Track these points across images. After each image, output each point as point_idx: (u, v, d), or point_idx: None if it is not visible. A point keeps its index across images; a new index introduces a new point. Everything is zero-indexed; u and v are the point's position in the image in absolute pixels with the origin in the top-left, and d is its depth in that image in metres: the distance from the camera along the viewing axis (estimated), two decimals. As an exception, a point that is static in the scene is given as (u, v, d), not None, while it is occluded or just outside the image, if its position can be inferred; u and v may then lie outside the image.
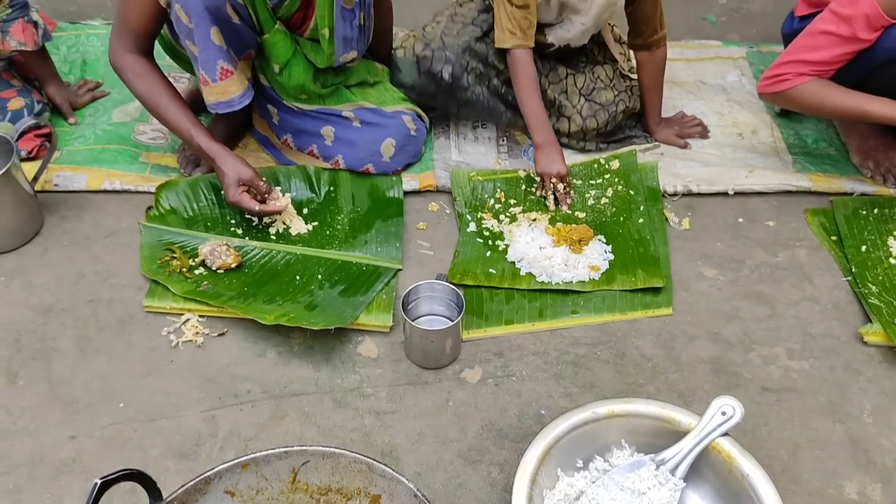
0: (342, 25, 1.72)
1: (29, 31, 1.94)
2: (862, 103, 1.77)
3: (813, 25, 1.76)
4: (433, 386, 1.56)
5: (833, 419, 1.53)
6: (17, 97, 1.95)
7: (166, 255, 1.74)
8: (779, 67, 1.80)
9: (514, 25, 1.84)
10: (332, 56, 1.76)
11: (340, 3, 1.68)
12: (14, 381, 1.54)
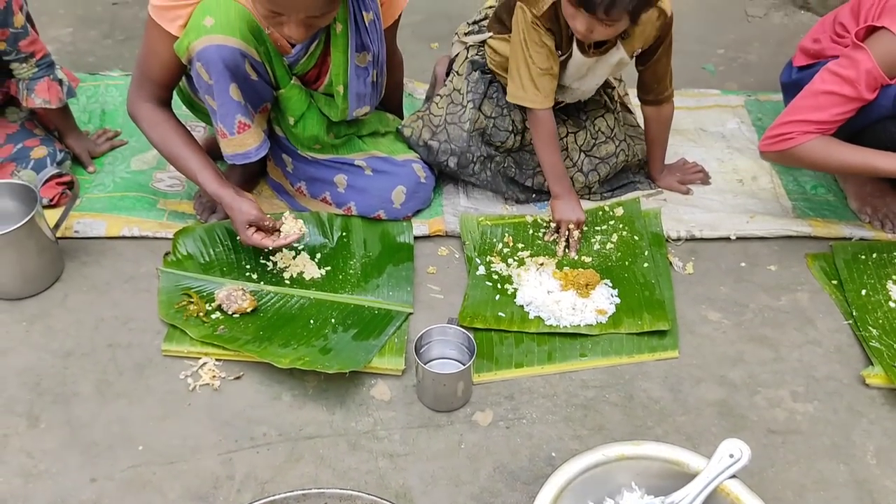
0: (356, 83, 1.79)
1: (54, 89, 2.01)
2: (869, 159, 1.82)
3: (813, 85, 1.81)
4: (445, 429, 1.59)
5: (837, 461, 1.56)
6: (41, 146, 2.01)
7: (184, 300, 1.79)
8: (781, 126, 1.85)
9: (538, 89, 1.87)
10: (345, 111, 1.83)
11: (354, 61, 1.75)
12: (35, 425, 1.58)
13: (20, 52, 1.93)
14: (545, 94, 1.88)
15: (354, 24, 1.71)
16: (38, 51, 1.97)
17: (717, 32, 2.86)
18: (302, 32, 1.55)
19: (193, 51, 1.61)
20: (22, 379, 1.66)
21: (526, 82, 1.87)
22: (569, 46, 1.87)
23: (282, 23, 1.53)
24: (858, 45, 1.75)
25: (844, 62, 1.77)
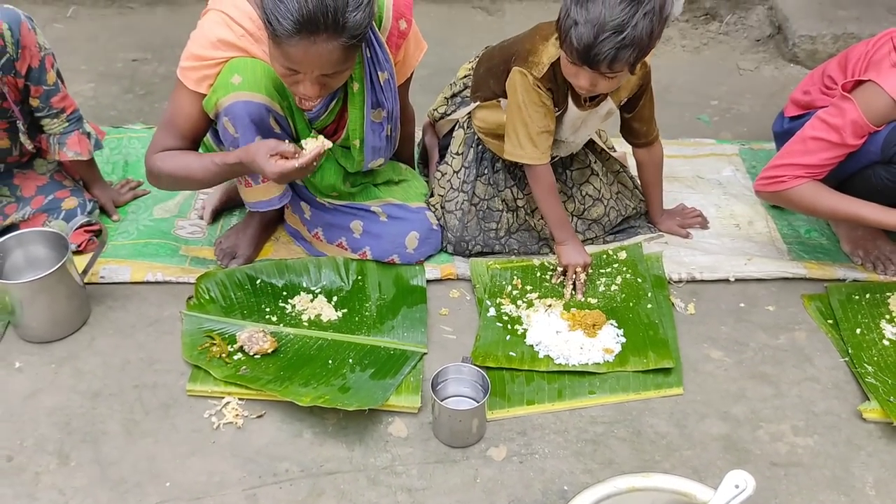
0: (371, 137, 1.89)
1: (84, 143, 2.11)
2: (856, 208, 1.93)
3: (804, 131, 1.93)
4: (461, 464, 1.65)
5: (838, 492, 1.62)
6: (71, 197, 2.10)
7: (206, 342, 1.86)
8: (774, 169, 1.96)
9: (537, 147, 1.96)
10: (361, 162, 1.93)
11: (370, 117, 1.86)
12: (66, 463, 1.63)
13: (52, 108, 2.04)
14: (543, 151, 1.97)
15: (370, 83, 1.82)
16: (67, 106, 2.08)
17: (711, 85, 2.99)
18: (316, 90, 1.64)
19: (221, 106, 1.71)
20: (52, 419, 1.72)
21: (524, 141, 1.95)
22: (565, 102, 1.97)
23: (297, 81, 1.63)
24: (845, 96, 1.87)
25: (832, 111, 1.88)
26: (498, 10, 3.26)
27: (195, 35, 1.74)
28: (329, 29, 1.51)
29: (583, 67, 1.75)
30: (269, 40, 1.59)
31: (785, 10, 3.15)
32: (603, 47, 1.66)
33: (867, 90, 1.84)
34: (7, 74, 1.93)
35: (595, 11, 1.66)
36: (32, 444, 1.67)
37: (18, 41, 1.90)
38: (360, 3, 1.53)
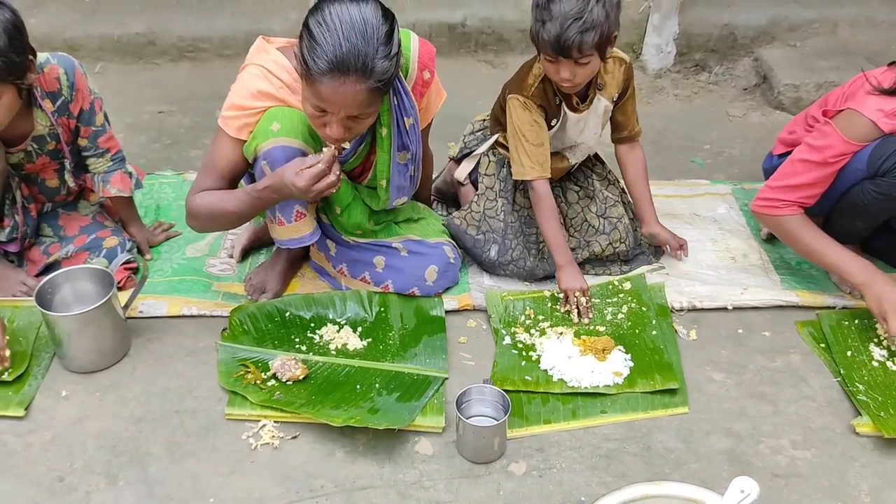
0: (397, 177, 2.05)
1: (126, 181, 2.27)
2: (824, 250, 2.10)
3: (793, 155, 2.11)
4: (484, 478, 1.76)
5: (836, 500, 1.73)
6: (112, 237, 2.24)
7: (241, 370, 1.98)
8: (769, 191, 2.14)
9: (532, 161, 2.17)
10: (386, 201, 2.08)
11: (396, 159, 2.01)
12: (114, 483, 1.74)
13: (98, 148, 2.20)
14: (540, 164, 2.17)
15: (397, 127, 1.98)
16: (112, 147, 2.24)
17: (703, 131, 3.17)
18: (341, 132, 1.78)
19: (260, 151, 1.86)
20: (99, 442, 1.83)
21: (524, 159, 2.17)
22: (559, 112, 2.19)
23: (325, 122, 1.78)
24: (827, 122, 2.06)
25: (815, 135, 2.07)
26: (501, 62, 3.46)
27: (236, 87, 1.90)
28: (358, 71, 1.67)
29: (559, 60, 1.99)
30: (303, 80, 1.74)
31: (769, 62, 3.36)
32: (569, 34, 1.92)
33: (846, 115, 2.03)
34: (62, 116, 2.09)
35: (557, 9, 1.93)
36: (81, 466, 1.77)
37: (73, 84, 2.07)
38: (387, 52, 1.69)
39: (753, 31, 3.45)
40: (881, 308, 2.00)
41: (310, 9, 1.72)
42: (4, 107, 1.91)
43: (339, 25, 1.64)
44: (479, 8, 3.44)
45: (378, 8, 1.70)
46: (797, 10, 3.48)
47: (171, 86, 3.29)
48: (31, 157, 2.14)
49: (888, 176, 1.99)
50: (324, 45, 1.65)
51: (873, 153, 2.01)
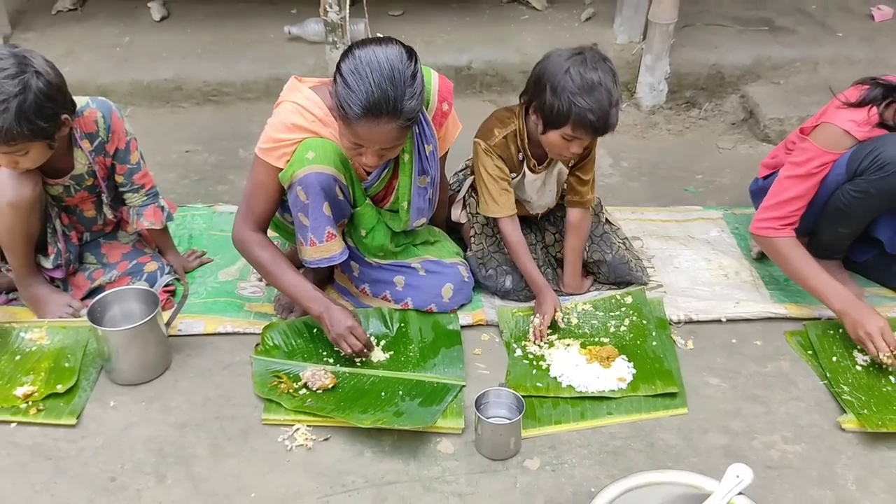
0: (417, 199, 2.23)
1: (158, 214, 2.44)
2: (809, 275, 2.28)
3: (780, 175, 2.32)
4: (502, 473, 1.91)
5: (824, 488, 1.88)
6: (151, 262, 2.42)
7: (275, 381, 2.13)
8: (765, 211, 2.33)
9: (497, 202, 2.32)
10: (407, 222, 2.26)
11: (417, 183, 2.20)
12: (163, 481, 1.88)
13: (134, 184, 2.38)
14: (504, 205, 2.33)
15: (418, 154, 2.17)
16: (147, 183, 2.42)
17: (695, 162, 3.36)
18: (375, 161, 1.99)
19: (296, 178, 2.05)
20: (147, 446, 1.98)
21: (489, 199, 2.34)
22: (520, 169, 2.36)
23: (361, 153, 1.98)
24: (803, 138, 2.28)
25: (796, 153, 2.29)
26: (504, 101, 3.66)
27: (273, 122, 2.09)
28: (389, 114, 1.87)
29: (579, 138, 2.15)
30: (340, 121, 1.94)
31: (755, 98, 3.57)
32: (611, 119, 2.10)
33: (821, 129, 2.25)
34: (99, 155, 2.28)
35: (600, 97, 2.08)
36: (131, 467, 1.92)
37: (109, 126, 2.26)
38: (414, 93, 1.89)
39: (739, 70, 3.67)
40: (857, 335, 2.17)
41: (342, 53, 1.92)
42: (31, 159, 2.08)
43: (369, 73, 1.84)
44: (483, 52, 3.66)
45: (402, 50, 1.90)
46: (780, 50, 3.71)
47: (196, 127, 3.49)
48: (69, 192, 2.31)
49: (865, 174, 2.19)
50: (357, 93, 1.85)
51: (851, 158, 2.21)
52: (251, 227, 2.18)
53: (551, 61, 2.15)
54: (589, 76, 2.08)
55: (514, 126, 2.31)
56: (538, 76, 2.18)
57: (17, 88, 1.94)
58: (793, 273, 2.33)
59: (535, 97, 2.19)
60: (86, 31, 3.77)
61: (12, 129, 1.95)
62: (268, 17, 3.92)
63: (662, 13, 3.43)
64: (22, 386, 2.10)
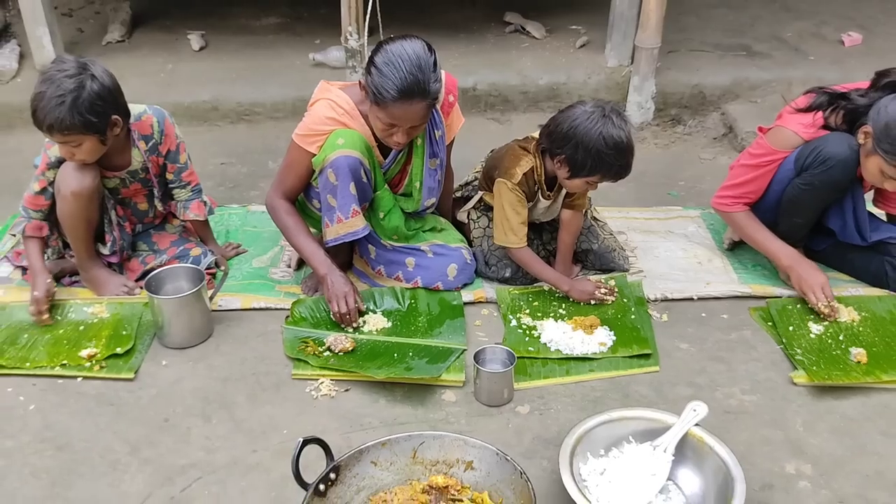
0: (428, 179, 2.58)
1: (201, 208, 2.79)
2: (764, 239, 2.65)
3: (736, 162, 2.69)
4: (496, 416, 2.20)
5: (775, 429, 2.15)
6: (196, 247, 2.75)
7: (302, 345, 2.44)
8: (722, 191, 2.70)
9: (515, 235, 2.60)
10: (419, 201, 2.61)
11: (427, 164, 2.56)
12: (209, 421, 2.19)
13: (182, 181, 2.72)
14: (521, 237, 2.62)
15: (429, 138, 2.53)
16: (193, 180, 2.76)
17: (678, 171, 3.67)
18: (405, 138, 2.37)
19: (328, 161, 2.39)
20: (194, 395, 2.29)
21: (508, 232, 2.61)
22: (535, 197, 2.67)
23: (393, 133, 2.35)
24: (761, 137, 2.61)
25: (752, 146, 2.65)
26: (507, 120, 4.01)
27: (310, 114, 2.46)
28: (420, 94, 2.25)
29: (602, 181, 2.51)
30: (375, 106, 2.31)
31: (734, 115, 3.89)
32: (630, 168, 2.48)
33: (774, 130, 2.60)
34: (153, 154, 2.63)
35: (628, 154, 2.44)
36: (182, 411, 2.23)
37: (162, 130, 2.61)
38: (437, 77, 2.29)
39: (719, 90, 4.01)
40: (801, 287, 2.50)
41: (373, 49, 2.29)
42: (85, 151, 2.43)
43: (401, 63, 2.22)
44: (487, 75, 4.02)
45: (423, 43, 2.28)
46: (756, 72, 4.05)
47: (230, 143, 3.85)
48: (125, 184, 2.65)
49: (809, 169, 2.50)
50: (393, 79, 2.22)
51: (797, 156, 2.52)
52: (280, 196, 2.54)
53: (580, 122, 2.40)
54: (617, 136, 2.39)
55: (531, 163, 2.60)
56: (568, 135, 2.42)
57: (73, 86, 2.30)
58: (748, 238, 2.67)
59: (564, 151, 2.45)
60: (133, 59, 4.17)
61: (65, 121, 2.30)
62: (294, 46, 4.31)
63: (647, 39, 3.78)
64: (86, 349, 2.43)
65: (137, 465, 2.05)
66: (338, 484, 1.84)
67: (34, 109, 2.32)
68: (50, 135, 2.36)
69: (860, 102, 2.47)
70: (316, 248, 2.53)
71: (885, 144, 2.33)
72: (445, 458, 1.92)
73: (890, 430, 2.16)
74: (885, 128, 2.33)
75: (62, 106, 2.29)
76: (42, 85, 2.31)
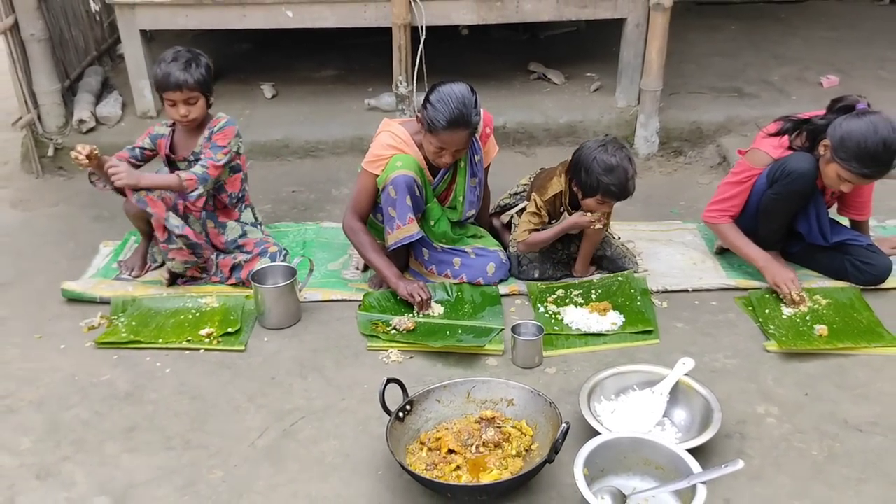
0: (469, 194, 3.17)
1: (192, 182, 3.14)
2: (744, 245, 3.19)
3: (723, 181, 3.26)
4: (529, 375, 2.74)
5: (750, 382, 2.67)
6: (273, 246, 3.35)
7: (373, 326, 3.01)
8: (711, 205, 3.25)
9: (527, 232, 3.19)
10: (462, 212, 3.20)
11: (469, 183, 3.15)
12: (305, 379, 2.76)
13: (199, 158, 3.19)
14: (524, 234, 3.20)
15: (471, 161, 3.13)
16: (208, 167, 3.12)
17: (679, 193, 4.21)
18: (450, 159, 2.97)
19: (389, 179, 2.98)
20: (292, 361, 2.85)
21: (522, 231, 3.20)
22: (559, 216, 3.23)
23: (442, 155, 2.95)
24: (742, 158, 3.15)
25: (735, 167, 3.21)
26: (532, 153, 4.61)
27: (375, 143, 3.07)
28: (463, 125, 2.86)
29: (610, 201, 3.06)
30: (428, 133, 2.92)
31: (727, 146, 4.45)
32: (629, 188, 3.00)
33: (751, 152, 3.16)
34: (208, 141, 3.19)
35: (619, 175, 2.98)
36: (284, 372, 2.80)
37: (223, 129, 3.19)
38: (477, 112, 2.90)
39: (715, 125, 4.58)
40: (774, 282, 3.04)
41: (428, 90, 2.91)
42: (198, 108, 3.10)
43: (450, 100, 2.83)
44: (515, 115, 4.64)
45: (468, 86, 2.90)
46: (745, 110, 4.62)
47: (299, 174, 4.47)
48: (189, 165, 3.18)
49: (778, 182, 3.05)
50: (444, 112, 2.83)
51: (769, 172, 3.08)
52: (357, 218, 3.12)
53: (584, 152, 3.02)
54: (610, 161, 2.97)
55: (560, 188, 3.19)
56: (576, 162, 3.06)
57: (192, 57, 3.08)
58: (731, 245, 3.21)
59: (575, 176, 3.10)
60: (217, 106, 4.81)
61: (190, 79, 3.03)
62: (350, 93, 4.96)
63: (651, 83, 4.38)
64: (204, 329, 3.02)
65: (255, 409, 2.62)
66: (411, 414, 2.40)
67: (166, 74, 3.03)
68: (178, 90, 3.04)
69: (819, 123, 3.02)
70: (387, 262, 3.11)
71: (841, 153, 2.88)
72: (492, 397, 2.47)
73: (842, 383, 2.67)
74: (840, 140, 2.88)
75: (188, 69, 3.05)
76: (168, 58, 3.05)
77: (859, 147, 2.84)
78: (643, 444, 2.22)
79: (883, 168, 2.89)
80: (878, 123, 2.83)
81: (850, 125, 2.87)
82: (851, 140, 2.85)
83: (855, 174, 2.89)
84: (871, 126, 2.83)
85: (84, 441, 2.50)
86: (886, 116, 2.88)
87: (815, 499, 2.23)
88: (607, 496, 2.12)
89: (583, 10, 4.45)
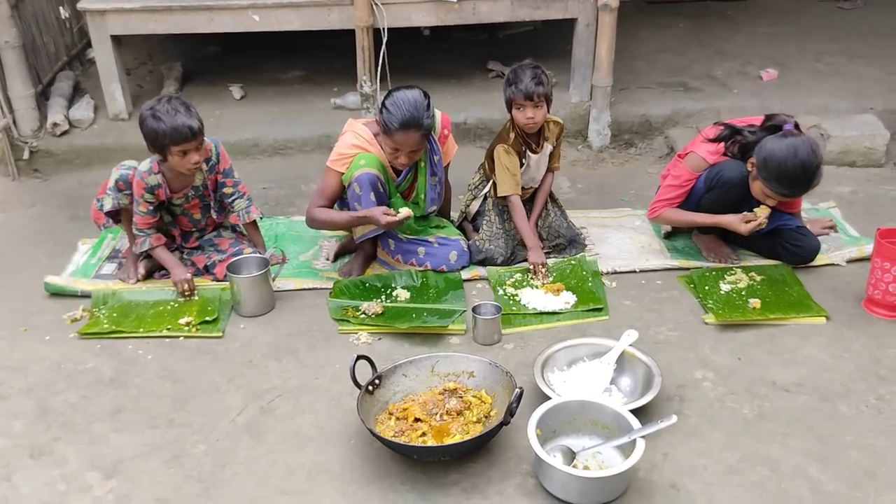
0: (430, 192, 3.36)
1: (257, 210, 3.54)
2: (693, 219, 3.39)
3: (664, 182, 3.47)
4: (489, 352, 2.95)
5: (690, 352, 2.91)
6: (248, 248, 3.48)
7: (343, 311, 3.20)
8: (653, 204, 3.48)
9: (512, 184, 3.42)
10: (424, 208, 3.38)
11: (429, 181, 3.33)
12: (280, 361, 2.93)
13: (240, 193, 3.46)
14: (517, 184, 3.43)
15: (430, 161, 3.31)
16: (246, 192, 3.49)
17: (630, 182, 4.45)
18: (407, 160, 3.14)
19: (353, 177, 3.16)
20: (267, 346, 3.03)
21: (508, 183, 3.42)
22: (526, 154, 3.47)
23: (398, 156, 3.13)
24: (679, 160, 3.37)
25: (674, 170, 3.41)
26: (492, 147, 4.82)
27: (339, 142, 3.25)
28: (415, 127, 3.04)
29: (526, 103, 3.29)
30: (384, 135, 3.10)
31: (674, 138, 4.70)
32: (530, 86, 3.24)
33: (689, 156, 3.36)
34: (211, 174, 3.39)
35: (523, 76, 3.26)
36: (260, 356, 2.97)
37: (219, 153, 3.38)
38: (429, 115, 3.08)
39: (662, 118, 4.83)
40: (732, 227, 3.28)
41: (385, 95, 3.09)
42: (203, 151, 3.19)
43: (402, 104, 3.02)
44: (475, 112, 4.84)
45: (420, 91, 3.09)
46: (690, 103, 4.88)
47: (269, 172, 4.63)
48: (188, 199, 3.38)
49: (715, 189, 3.30)
50: (396, 115, 3.02)
51: (706, 177, 3.32)
52: (318, 206, 3.29)
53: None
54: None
55: (514, 133, 3.44)
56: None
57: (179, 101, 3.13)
58: (684, 221, 3.45)
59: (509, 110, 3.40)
60: (186, 108, 4.98)
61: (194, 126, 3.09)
62: (317, 93, 5.13)
63: (602, 79, 4.62)
64: (182, 318, 3.18)
65: (234, 390, 2.80)
66: (380, 388, 2.60)
67: (175, 127, 3.05)
68: (194, 139, 3.11)
69: (750, 139, 3.25)
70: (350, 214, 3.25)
71: (764, 173, 3.11)
72: (454, 370, 2.68)
73: (773, 349, 2.92)
74: (763, 161, 3.11)
75: (191, 113, 3.12)
76: (161, 113, 3.07)
77: (779, 169, 3.06)
78: (590, 406, 2.44)
79: (800, 189, 3.12)
80: (798, 147, 3.04)
81: (773, 147, 3.08)
82: (773, 162, 3.07)
83: (776, 193, 3.13)
84: (792, 149, 3.04)
85: (73, 423, 2.65)
86: (808, 139, 3.10)
87: (744, 451, 2.47)
88: (559, 454, 2.33)
89: (535, 11, 4.67)
